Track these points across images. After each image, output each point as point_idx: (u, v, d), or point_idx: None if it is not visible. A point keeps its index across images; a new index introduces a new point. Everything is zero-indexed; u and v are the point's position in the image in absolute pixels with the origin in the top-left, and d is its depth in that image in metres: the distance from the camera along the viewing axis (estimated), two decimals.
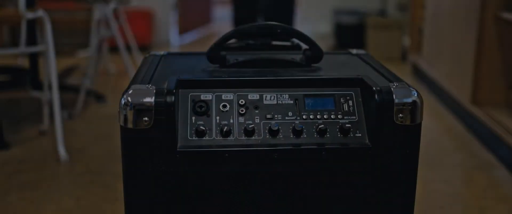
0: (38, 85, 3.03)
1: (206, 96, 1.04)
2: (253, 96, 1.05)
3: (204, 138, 1.01)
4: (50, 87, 2.54)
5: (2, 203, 1.94)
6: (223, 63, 1.16)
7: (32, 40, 3.01)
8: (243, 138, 1.01)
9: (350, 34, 4.90)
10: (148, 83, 1.03)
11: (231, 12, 5.26)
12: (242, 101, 1.04)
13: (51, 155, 2.41)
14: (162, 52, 1.31)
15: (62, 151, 2.38)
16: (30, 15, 2.35)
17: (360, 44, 4.87)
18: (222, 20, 7.79)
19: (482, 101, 2.66)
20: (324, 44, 5.05)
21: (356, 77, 1.07)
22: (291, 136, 1.02)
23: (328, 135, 1.03)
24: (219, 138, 1.01)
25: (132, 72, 3.11)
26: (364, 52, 1.35)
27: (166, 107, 0.97)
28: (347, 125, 1.02)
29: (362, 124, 1.04)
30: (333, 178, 1.03)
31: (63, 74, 3.52)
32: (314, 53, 1.18)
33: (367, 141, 1.03)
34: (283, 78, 1.07)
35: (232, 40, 1.19)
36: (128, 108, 0.98)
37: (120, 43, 3.06)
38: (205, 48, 4.60)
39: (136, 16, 4.94)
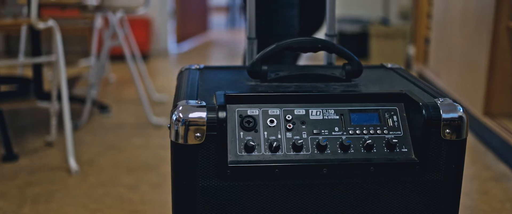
0: (42, 96, 3.05)
1: (253, 111, 1.07)
2: (299, 111, 1.08)
3: (253, 153, 1.04)
4: (59, 97, 2.56)
5: None
6: (264, 78, 1.20)
7: (36, 50, 3.03)
8: (292, 153, 1.05)
9: (353, 42, 4.95)
10: (196, 99, 1.06)
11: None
12: (289, 117, 1.07)
13: (61, 166, 2.43)
14: (197, 66, 1.34)
15: (72, 162, 2.39)
16: (41, 25, 2.37)
17: (364, 53, 4.92)
18: (219, 27, 7.83)
19: (495, 112, 2.71)
20: None
21: (400, 93, 1.11)
22: (339, 151, 1.06)
23: (375, 150, 1.06)
24: (268, 153, 1.04)
25: (138, 82, 3.13)
26: (398, 67, 1.39)
27: (219, 122, 1.00)
28: (393, 140, 1.06)
29: (407, 139, 1.08)
30: (381, 192, 1.07)
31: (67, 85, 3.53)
32: (354, 68, 1.22)
33: (413, 156, 1.07)
34: (329, 94, 1.10)
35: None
36: (179, 124, 1.01)
37: (127, 52, 3.09)
38: (203, 56, 4.63)
39: (134, 24, 4.96)
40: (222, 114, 1.01)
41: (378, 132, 1.08)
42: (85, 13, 3.83)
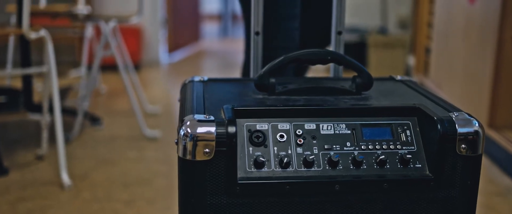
0: (32, 108, 3.03)
1: (262, 126, 1.07)
2: (310, 126, 1.08)
3: (263, 170, 1.03)
4: (51, 110, 2.55)
5: None
6: (272, 91, 1.19)
7: (26, 60, 3.02)
8: (303, 169, 1.04)
9: (351, 52, 4.96)
10: (203, 113, 1.05)
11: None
12: (299, 131, 1.07)
13: (53, 181, 2.41)
14: (201, 78, 1.33)
15: (65, 177, 2.38)
16: (33, 35, 2.37)
17: (362, 63, 4.93)
18: (211, 36, 7.83)
19: (500, 124, 2.71)
20: None
21: (413, 106, 1.11)
22: (351, 167, 1.05)
23: (388, 166, 1.06)
24: (279, 169, 1.04)
25: (131, 93, 3.12)
26: (408, 79, 1.39)
27: (228, 137, 1.00)
28: (407, 156, 1.06)
29: (421, 154, 1.08)
30: (394, 209, 1.06)
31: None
32: (364, 81, 1.22)
33: (427, 172, 1.06)
34: (340, 108, 1.10)
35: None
36: (187, 139, 1.00)
37: (120, 62, 3.08)
38: (195, 66, 4.62)
39: (125, 34, 4.95)
40: (231, 129, 1.00)
41: (391, 147, 1.08)
42: (75, 22, 3.82)
